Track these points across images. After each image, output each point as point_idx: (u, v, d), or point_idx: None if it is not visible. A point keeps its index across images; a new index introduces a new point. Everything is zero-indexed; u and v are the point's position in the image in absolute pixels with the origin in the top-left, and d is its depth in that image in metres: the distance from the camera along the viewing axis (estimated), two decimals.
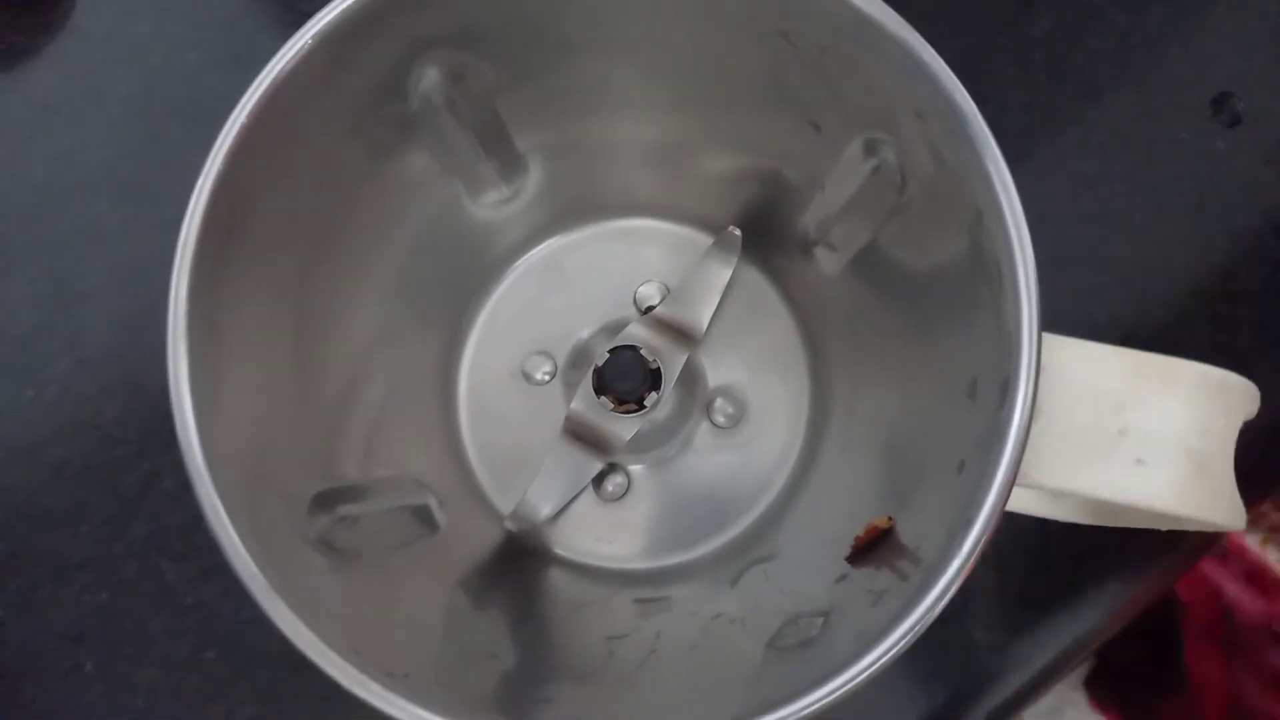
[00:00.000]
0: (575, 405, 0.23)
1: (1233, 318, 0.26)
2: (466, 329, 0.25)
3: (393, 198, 0.22)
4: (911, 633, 0.15)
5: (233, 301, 0.17)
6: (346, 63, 0.18)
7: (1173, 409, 0.16)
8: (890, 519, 0.19)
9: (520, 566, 0.23)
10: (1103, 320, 0.26)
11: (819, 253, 0.23)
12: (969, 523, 0.15)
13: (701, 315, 0.24)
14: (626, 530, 0.24)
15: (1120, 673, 0.45)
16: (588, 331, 0.25)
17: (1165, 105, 0.28)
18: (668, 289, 0.25)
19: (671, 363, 0.23)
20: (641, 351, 0.23)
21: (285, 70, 0.17)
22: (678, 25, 0.19)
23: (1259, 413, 0.17)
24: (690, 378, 0.24)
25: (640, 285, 0.25)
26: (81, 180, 0.28)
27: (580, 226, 0.25)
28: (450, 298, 0.25)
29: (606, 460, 0.24)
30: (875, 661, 0.15)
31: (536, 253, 0.25)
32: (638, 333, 0.23)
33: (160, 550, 0.26)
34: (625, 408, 0.23)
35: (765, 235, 0.24)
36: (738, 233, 0.25)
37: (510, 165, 0.23)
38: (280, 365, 0.19)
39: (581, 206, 0.25)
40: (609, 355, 0.22)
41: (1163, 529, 0.19)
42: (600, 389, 0.22)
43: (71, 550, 0.26)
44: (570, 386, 0.25)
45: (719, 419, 0.24)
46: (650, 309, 0.24)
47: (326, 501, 0.19)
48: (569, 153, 0.23)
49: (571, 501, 0.24)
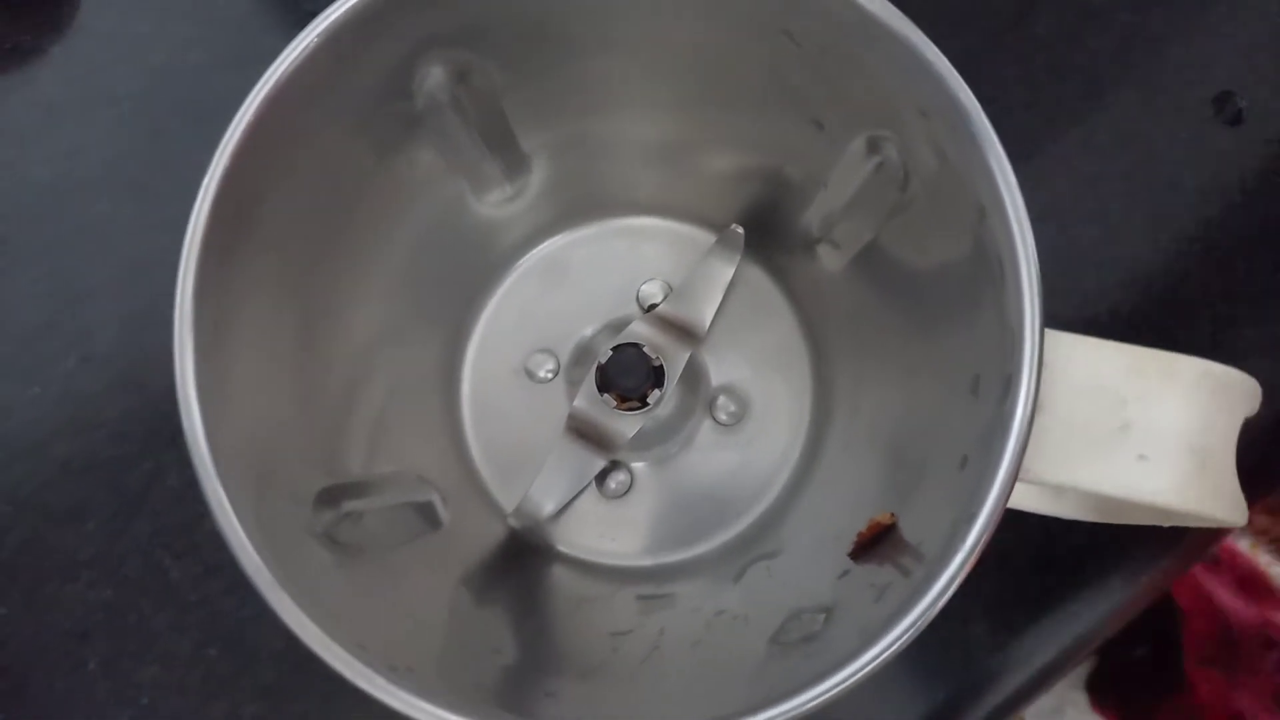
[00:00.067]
0: (578, 403, 0.23)
1: (1234, 316, 0.26)
2: (470, 326, 0.25)
3: (397, 196, 0.22)
4: (915, 627, 0.15)
5: (238, 297, 0.17)
6: (352, 61, 0.18)
7: (1175, 405, 0.16)
8: (893, 515, 0.19)
9: (523, 563, 0.24)
10: (1104, 319, 0.27)
11: (821, 250, 0.23)
12: (972, 518, 0.15)
13: (704, 313, 0.24)
14: (629, 527, 0.24)
15: (1120, 674, 0.45)
16: (590, 329, 0.25)
17: (1167, 105, 0.28)
18: (670, 287, 0.25)
19: (674, 360, 0.23)
20: (644, 349, 0.23)
21: (291, 68, 0.17)
22: (681, 24, 0.19)
23: (1259, 411, 0.18)
24: (693, 375, 0.24)
25: (643, 283, 0.25)
26: (86, 179, 0.28)
27: (583, 225, 0.25)
28: (454, 295, 0.25)
29: (609, 458, 0.24)
30: (878, 656, 0.15)
31: (540, 251, 0.26)
32: (641, 330, 0.23)
33: (164, 547, 0.26)
34: (628, 405, 0.23)
35: (768, 233, 0.24)
36: (740, 231, 0.25)
37: (514, 164, 0.23)
38: (285, 361, 0.19)
39: (585, 205, 0.25)
40: (612, 353, 0.23)
41: (1164, 525, 0.19)
42: (603, 386, 0.23)
43: (76, 547, 0.26)
44: (573, 384, 0.25)
45: (721, 417, 0.24)
46: (653, 307, 0.25)
47: (331, 497, 0.19)
48: (572, 151, 0.24)
49: (574, 499, 0.24)
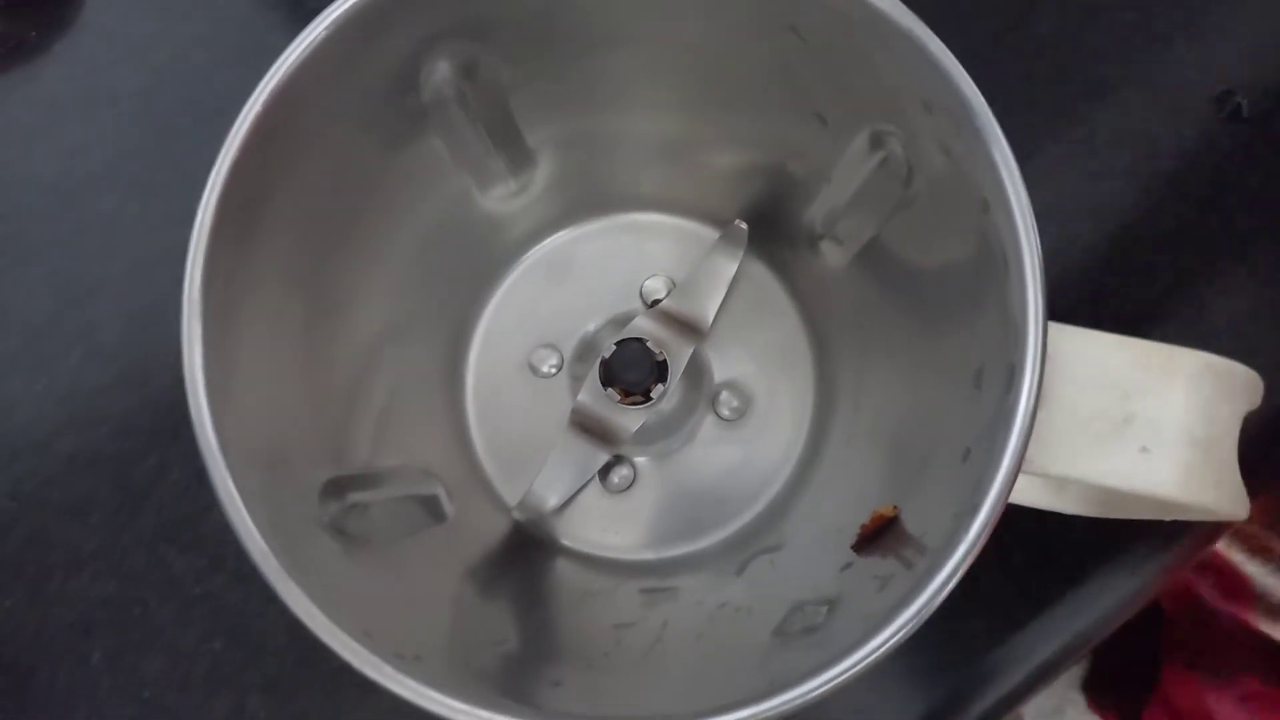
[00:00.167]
0: (582, 397, 0.23)
1: (1237, 311, 0.26)
2: (474, 321, 0.25)
3: (404, 190, 0.22)
4: (917, 618, 0.15)
5: (246, 288, 0.18)
6: (359, 54, 0.18)
7: (1177, 397, 0.16)
8: (895, 507, 0.19)
9: (527, 557, 0.24)
10: (1106, 315, 0.27)
11: (825, 246, 0.23)
12: (975, 509, 0.15)
13: (708, 308, 0.24)
14: (632, 521, 0.24)
15: (1115, 674, 0.45)
16: (594, 325, 0.25)
17: (1168, 104, 0.28)
18: (674, 283, 0.25)
19: (678, 355, 0.23)
20: (648, 344, 0.23)
21: (298, 62, 0.17)
22: (687, 20, 0.20)
23: (1260, 405, 0.18)
24: (696, 371, 0.24)
25: (647, 279, 0.25)
26: (92, 176, 0.28)
27: (588, 220, 0.26)
28: (458, 290, 0.25)
29: (613, 452, 0.24)
30: (881, 646, 0.15)
31: (544, 246, 0.26)
32: (644, 325, 0.23)
33: (168, 541, 0.26)
34: (632, 400, 0.23)
35: (771, 229, 0.24)
36: (744, 226, 0.25)
37: (519, 159, 0.23)
38: (291, 352, 0.19)
39: (589, 200, 0.25)
40: (616, 347, 0.23)
41: (1166, 519, 0.19)
42: (607, 381, 0.23)
43: (80, 541, 0.26)
44: (576, 379, 0.25)
45: (724, 412, 0.25)
46: (656, 302, 0.25)
47: (337, 488, 0.19)
48: (577, 147, 0.24)
49: (578, 493, 0.24)
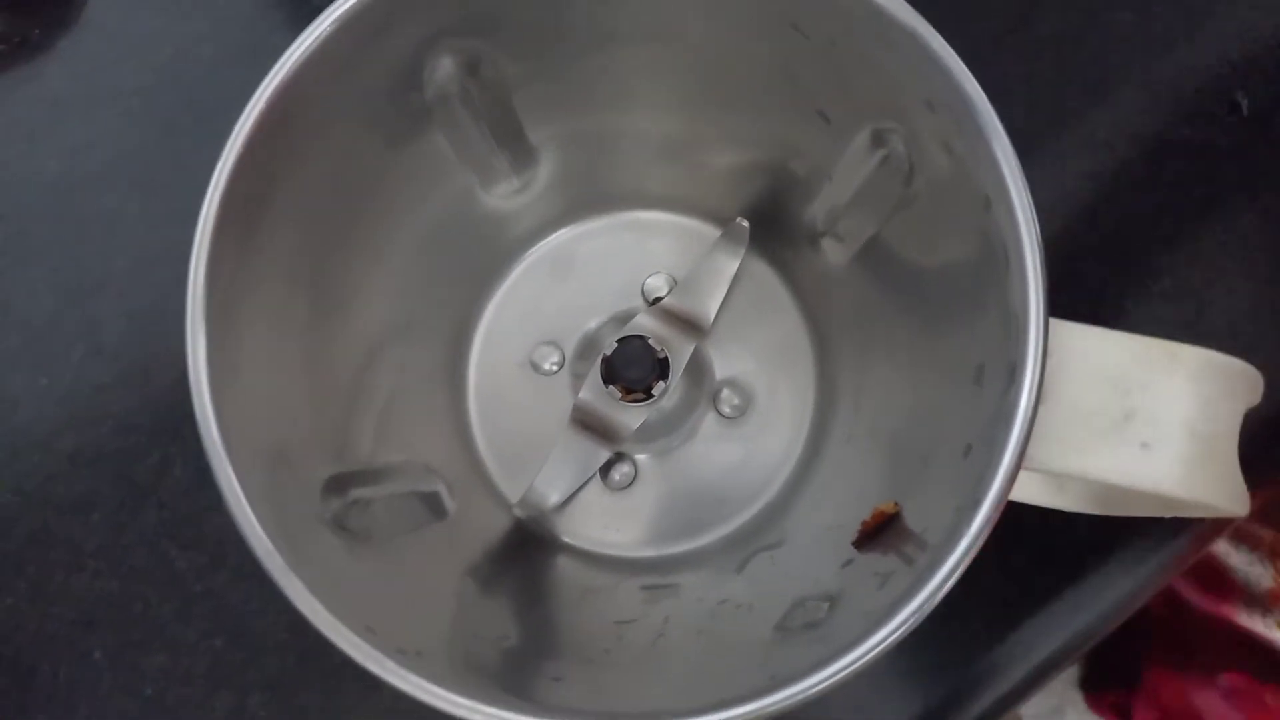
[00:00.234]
0: (584, 394, 0.23)
1: (1237, 309, 0.26)
2: (476, 318, 0.25)
3: (406, 188, 0.22)
4: (919, 613, 0.15)
5: (249, 286, 0.18)
6: (362, 52, 0.18)
7: (1178, 393, 0.16)
8: (896, 504, 0.19)
9: (528, 553, 0.24)
10: (1107, 314, 0.27)
11: (826, 244, 0.23)
12: (976, 505, 0.15)
13: (709, 306, 0.24)
14: (633, 519, 0.24)
15: (1109, 672, 0.45)
16: (596, 322, 0.25)
17: (1170, 103, 0.28)
18: (675, 281, 0.25)
19: (679, 353, 0.23)
20: (649, 341, 0.23)
21: (301, 59, 0.17)
22: (690, 18, 0.20)
23: (1260, 402, 0.18)
24: (697, 368, 0.24)
25: (648, 277, 0.25)
26: (95, 174, 0.28)
27: (590, 218, 0.26)
28: (461, 287, 0.25)
29: (614, 449, 0.24)
30: (883, 641, 0.15)
31: (546, 244, 0.26)
32: (646, 323, 0.24)
33: (170, 538, 0.26)
34: (633, 397, 0.23)
35: (773, 227, 0.24)
36: (745, 224, 0.25)
37: (521, 157, 0.23)
38: (294, 350, 0.19)
39: (591, 198, 0.25)
40: (618, 345, 0.23)
41: (1166, 516, 0.19)
42: (609, 378, 0.23)
43: (83, 538, 0.26)
44: (578, 377, 0.25)
45: (725, 409, 0.25)
46: (658, 300, 0.25)
47: (339, 484, 0.19)
48: (580, 145, 0.24)
49: (579, 490, 0.24)
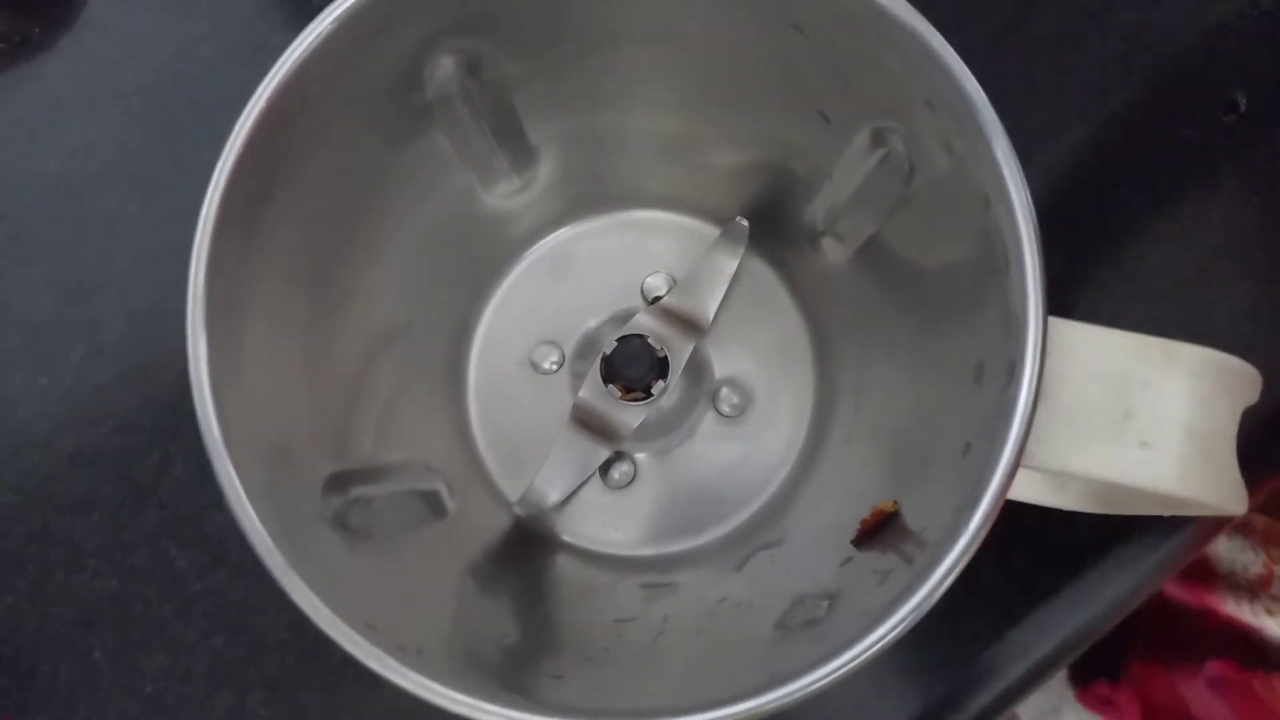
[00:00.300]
0: (583, 393, 0.23)
1: (1235, 309, 0.26)
2: (476, 318, 0.25)
3: (407, 188, 0.22)
4: (918, 611, 0.15)
5: (249, 286, 0.18)
6: (363, 51, 0.18)
7: (1177, 391, 0.16)
8: (896, 502, 0.19)
9: (528, 552, 0.24)
10: (1105, 313, 0.27)
11: (825, 243, 0.23)
12: (975, 503, 0.15)
13: (708, 305, 0.24)
14: (632, 517, 0.24)
15: (1092, 665, 0.45)
16: (595, 321, 0.25)
17: (1169, 102, 0.28)
18: (675, 280, 0.25)
19: (679, 352, 0.23)
20: (649, 340, 0.23)
21: (302, 59, 0.17)
22: (691, 18, 0.20)
23: (1258, 401, 0.18)
24: (696, 368, 0.25)
25: (648, 276, 0.25)
26: (96, 173, 0.28)
27: (590, 217, 0.26)
28: (461, 286, 0.25)
29: (613, 448, 0.24)
30: (881, 639, 0.15)
31: (546, 243, 0.26)
32: (645, 322, 0.24)
33: (170, 537, 0.26)
34: (633, 396, 0.23)
35: (772, 226, 0.24)
36: (744, 223, 0.25)
37: (522, 156, 0.23)
38: (295, 349, 0.19)
39: (591, 198, 0.25)
40: (617, 343, 0.23)
41: (1165, 514, 0.19)
42: (608, 376, 0.23)
43: (83, 537, 0.26)
44: (577, 376, 0.25)
45: (724, 408, 0.25)
46: (658, 299, 0.25)
47: (340, 483, 0.19)
48: (580, 144, 0.24)
49: (579, 489, 0.24)
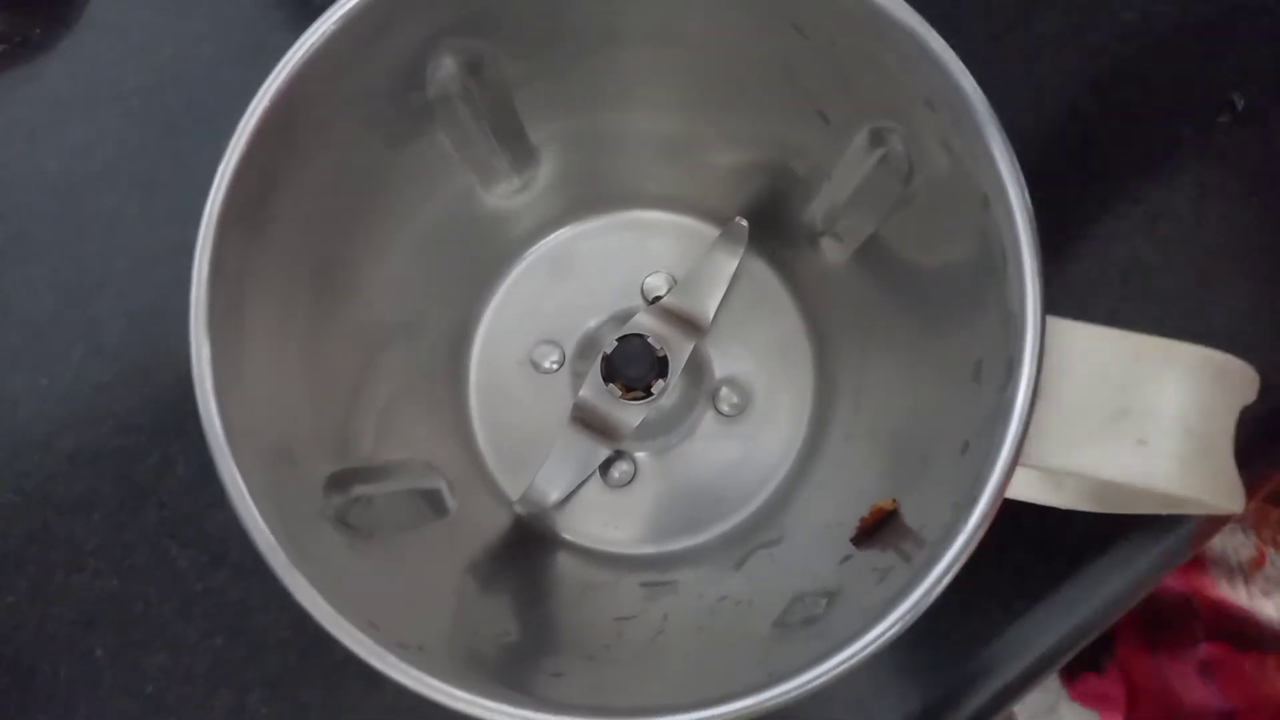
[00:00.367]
0: (584, 392, 0.23)
1: (1234, 309, 0.27)
2: (477, 318, 0.25)
3: (408, 187, 0.22)
4: (916, 608, 0.15)
5: (251, 285, 0.18)
6: (364, 52, 0.18)
7: (1174, 390, 0.16)
8: (894, 500, 0.19)
9: (529, 550, 0.24)
10: (1104, 312, 0.27)
11: (825, 243, 0.23)
12: (973, 501, 0.16)
13: (708, 305, 0.24)
14: (632, 516, 0.24)
15: (1080, 655, 0.45)
16: (595, 321, 0.25)
17: (1169, 102, 0.28)
18: (675, 280, 0.25)
19: (679, 351, 0.23)
20: (649, 340, 0.23)
21: (303, 59, 0.17)
22: (691, 18, 0.20)
23: (1255, 400, 0.18)
24: (696, 367, 0.25)
25: (648, 276, 0.25)
26: (96, 173, 0.28)
27: (590, 217, 0.26)
28: (462, 286, 0.25)
29: (613, 447, 0.24)
30: (880, 636, 0.15)
31: (546, 243, 0.26)
32: (645, 321, 0.24)
33: (171, 537, 0.26)
34: (633, 395, 0.23)
35: (772, 226, 0.24)
36: (744, 223, 0.25)
37: (522, 156, 0.23)
38: (296, 348, 0.20)
39: (592, 198, 0.25)
40: (617, 343, 0.23)
41: (1163, 513, 0.19)
42: (609, 376, 0.23)
43: (83, 537, 0.26)
44: (578, 376, 0.25)
45: (724, 408, 0.25)
46: (658, 299, 0.25)
47: (341, 482, 0.19)
48: (581, 145, 0.24)
49: (579, 487, 0.24)
